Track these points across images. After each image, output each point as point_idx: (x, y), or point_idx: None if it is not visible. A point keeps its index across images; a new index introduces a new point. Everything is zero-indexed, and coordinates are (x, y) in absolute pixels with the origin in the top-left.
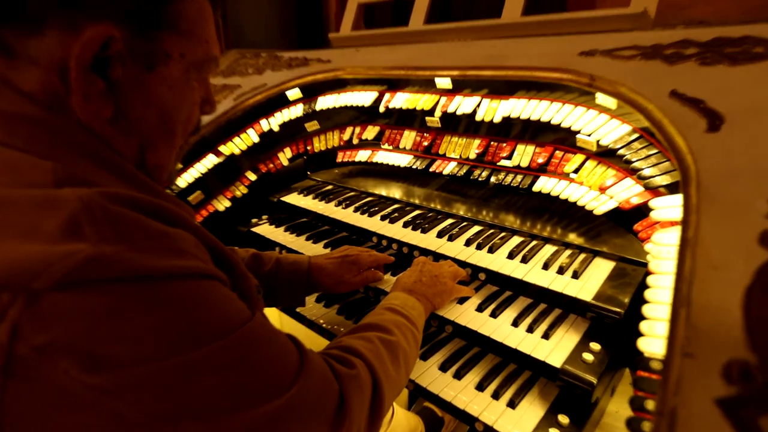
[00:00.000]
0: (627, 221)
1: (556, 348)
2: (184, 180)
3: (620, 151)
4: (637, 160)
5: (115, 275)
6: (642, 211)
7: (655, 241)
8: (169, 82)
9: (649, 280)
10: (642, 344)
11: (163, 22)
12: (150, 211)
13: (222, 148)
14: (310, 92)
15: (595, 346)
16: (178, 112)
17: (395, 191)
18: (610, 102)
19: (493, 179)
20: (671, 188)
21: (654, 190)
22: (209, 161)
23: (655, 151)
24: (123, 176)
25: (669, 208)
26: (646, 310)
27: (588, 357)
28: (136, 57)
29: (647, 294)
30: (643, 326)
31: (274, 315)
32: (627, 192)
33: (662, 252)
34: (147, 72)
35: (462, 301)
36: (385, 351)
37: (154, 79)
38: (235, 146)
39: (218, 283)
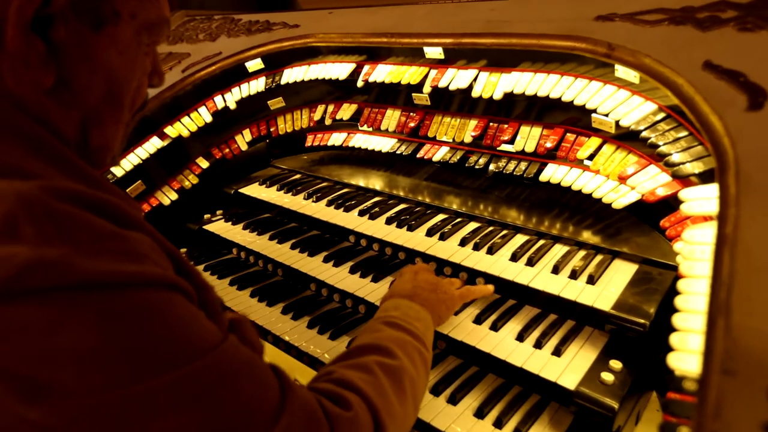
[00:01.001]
0: (652, 216)
1: (569, 367)
2: (121, 168)
3: (644, 134)
4: (663, 144)
5: (58, 283)
6: (670, 204)
7: (687, 240)
8: (119, 45)
9: (680, 284)
10: (673, 360)
11: None
12: (99, 209)
13: (167, 130)
14: (274, 63)
15: (616, 364)
16: (127, 81)
17: (376, 181)
18: (632, 75)
19: (492, 167)
20: (705, 177)
21: (684, 180)
22: (152, 145)
23: (685, 133)
24: (63, 166)
25: (702, 200)
26: (677, 320)
27: (607, 377)
28: (82, 15)
29: (678, 301)
30: (674, 339)
31: None
32: (652, 182)
33: (695, 252)
34: (94, 32)
35: (457, 311)
36: (387, 381)
37: (102, 41)
38: (183, 127)
39: (183, 296)
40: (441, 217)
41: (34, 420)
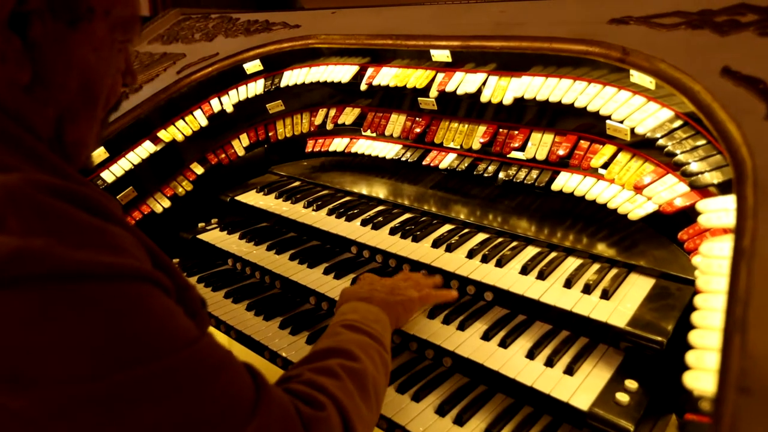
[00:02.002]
0: (669, 228)
1: (582, 386)
2: (111, 173)
3: (660, 142)
4: (681, 153)
5: (44, 271)
6: (688, 215)
7: (704, 253)
8: (94, 42)
9: (698, 300)
10: (689, 379)
11: None
12: (81, 203)
13: (161, 134)
14: (274, 65)
15: (632, 384)
16: (102, 77)
17: (379, 189)
18: (648, 81)
19: (501, 175)
20: (723, 187)
21: (702, 190)
22: (144, 150)
23: (703, 141)
24: (39, 162)
25: (721, 211)
26: (693, 337)
27: (623, 398)
28: (58, 12)
29: (695, 318)
30: (690, 357)
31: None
32: (669, 192)
33: (712, 266)
34: (69, 29)
35: (464, 326)
36: (352, 384)
37: (77, 38)
38: (177, 131)
39: (161, 291)
40: (448, 227)
41: (17, 410)
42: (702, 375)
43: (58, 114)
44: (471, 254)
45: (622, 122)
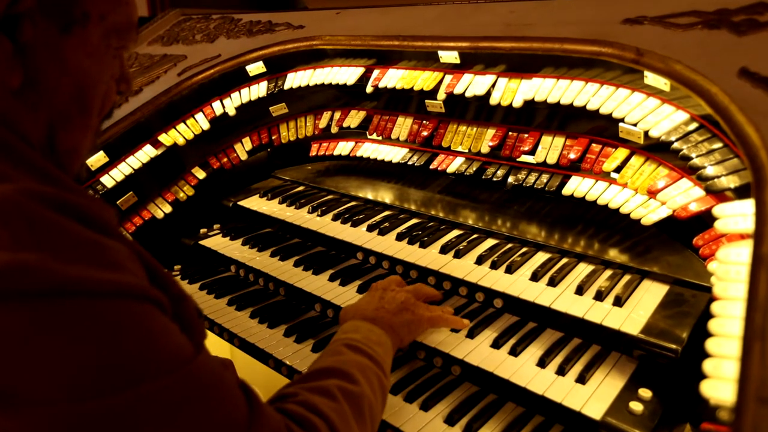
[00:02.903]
0: (684, 233)
1: (594, 395)
2: (111, 178)
3: (675, 145)
4: (696, 156)
5: (36, 288)
6: (704, 220)
7: (721, 259)
8: (88, 47)
9: (715, 307)
10: (706, 388)
11: None
12: (77, 215)
13: (162, 137)
14: (277, 67)
15: (645, 392)
16: (96, 83)
17: (386, 194)
18: (662, 83)
19: (511, 179)
20: (741, 192)
21: (719, 194)
22: (144, 154)
23: (719, 144)
24: (31, 169)
25: (738, 216)
26: (711, 345)
27: (636, 407)
28: (51, 16)
29: (712, 325)
30: (708, 366)
31: (224, 350)
32: (684, 196)
33: (730, 272)
34: (62, 33)
35: (473, 334)
36: (348, 407)
37: (71, 42)
38: (178, 135)
39: (157, 309)
40: (456, 233)
41: (6, 430)
42: (720, 384)
43: (50, 121)
44: (480, 260)
45: (635, 125)
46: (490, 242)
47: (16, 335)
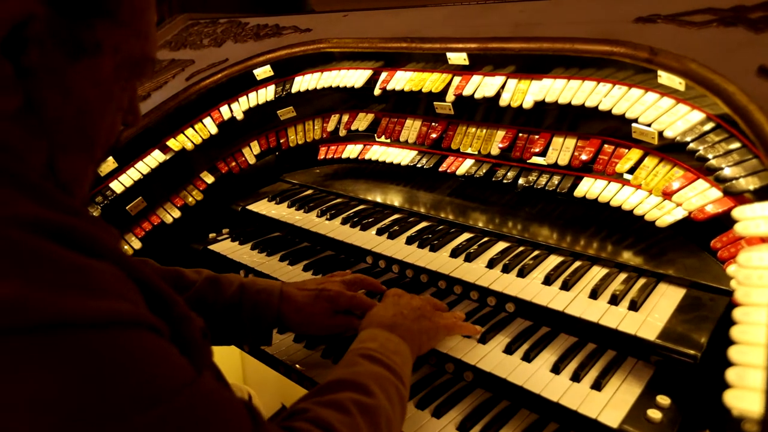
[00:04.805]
0: (701, 235)
1: (611, 402)
2: (120, 183)
3: (691, 145)
4: (713, 157)
5: (12, 324)
6: (721, 222)
7: (743, 263)
8: (96, 77)
9: (737, 313)
10: (730, 398)
11: (100, 7)
12: (62, 237)
13: (170, 142)
14: (285, 70)
15: (664, 400)
16: (101, 115)
17: (395, 197)
18: (677, 82)
19: (521, 181)
20: (761, 193)
21: (737, 196)
22: (153, 159)
23: (737, 144)
24: (23, 186)
25: (760, 219)
26: (733, 353)
27: (654, 415)
28: (60, 42)
29: (734, 332)
30: (731, 375)
31: (234, 356)
32: (700, 198)
33: (752, 277)
34: (70, 61)
35: (485, 339)
36: (363, 423)
37: (78, 71)
38: (187, 139)
39: (150, 333)
40: (466, 236)
41: None
42: (744, 394)
43: (51, 149)
44: (491, 264)
45: (649, 125)
46: (501, 245)
47: None
